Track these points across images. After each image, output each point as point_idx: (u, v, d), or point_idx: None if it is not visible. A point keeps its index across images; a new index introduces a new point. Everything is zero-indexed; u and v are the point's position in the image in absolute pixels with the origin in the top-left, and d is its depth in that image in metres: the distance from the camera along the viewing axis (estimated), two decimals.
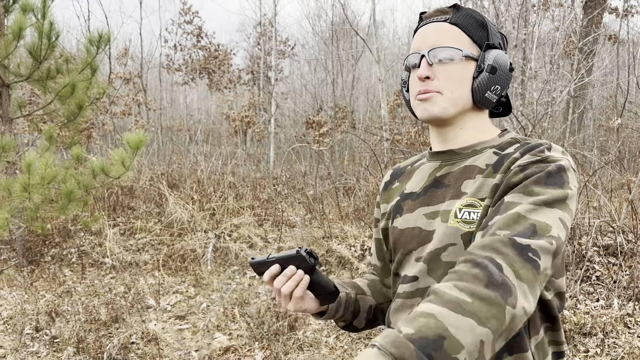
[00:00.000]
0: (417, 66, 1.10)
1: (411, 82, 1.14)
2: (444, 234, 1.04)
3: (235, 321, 4.25)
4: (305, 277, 1.12)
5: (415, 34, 1.15)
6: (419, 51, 1.09)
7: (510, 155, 1.03)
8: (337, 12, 13.24)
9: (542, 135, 6.88)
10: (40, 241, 6.34)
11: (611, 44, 12.36)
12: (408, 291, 1.10)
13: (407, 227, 1.13)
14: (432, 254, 1.05)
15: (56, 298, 4.81)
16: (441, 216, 1.07)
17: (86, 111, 3.82)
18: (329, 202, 7.48)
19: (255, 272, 1.19)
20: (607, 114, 12.17)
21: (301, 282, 1.12)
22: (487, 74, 1.07)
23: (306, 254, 1.10)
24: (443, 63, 1.07)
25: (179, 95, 20.96)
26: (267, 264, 1.16)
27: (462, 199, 1.04)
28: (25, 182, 3.05)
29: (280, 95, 14.89)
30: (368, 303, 1.27)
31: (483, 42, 1.10)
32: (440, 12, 1.12)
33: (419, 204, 1.13)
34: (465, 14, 1.11)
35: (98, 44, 3.57)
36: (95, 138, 11.79)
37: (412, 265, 1.10)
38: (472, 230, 1.01)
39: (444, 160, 1.15)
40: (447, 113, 1.08)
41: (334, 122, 10.47)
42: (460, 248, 1.02)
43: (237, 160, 11.01)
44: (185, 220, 6.63)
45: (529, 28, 7.51)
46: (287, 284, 1.11)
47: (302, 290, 1.12)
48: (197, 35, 19.10)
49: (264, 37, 14.22)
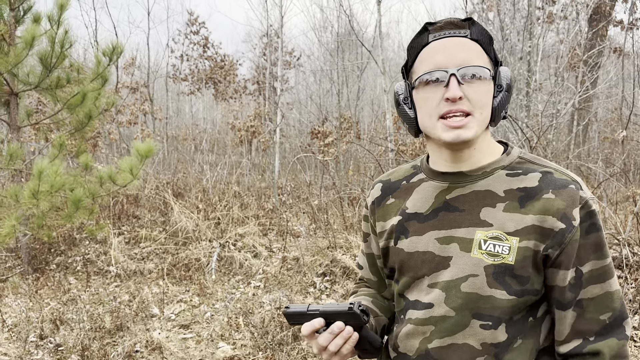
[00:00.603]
0: (444, 84, 1.01)
1: (429, 99, 1.05)
2: (466, 264, 1.03)
3: (239, 331, 4.25)
4: (354, 335, 1.05)
5: (429, 48, 1.06)
6: (446, 69, 1.01)
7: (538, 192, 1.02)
8: (343, 24, 13.32)
9: (547, 147, 6.88)
10: (46, 249, 6.37)
11: (616, 56, 12.38)
12: (421, 318, 1.07)
13: (417, 250, 1.09)
14: (450, 283, 1.04)
15: (61, 306, 4.82)
16: (459, 243, 1.04)
17: (95, 121, 3.85)
18: (333, 212, 7.48)
19: (289, 321, 1.10)
20: (612, 126, 12.16)
21: (350, 339, 1.05)
22: (505, 93, 1.05)
23: (360, 312, 1.03)
24: (472, 83, 1.01)
25: (185, 104, 21.07)
26: (307, 316, 1.06)
27: (485, 229, 1.03)
28: (35, 189, 3.08)
29: (285, 105, 14.96)
30: (382, 324, 1.24)
31: (494, 59, 1.07)
32: (454, 25, 1.05)
33: (430, 227, 1.09)
34: (481, 29, 1.06)
35: (111, 55, 3.61)
36: (101, 147, 11.86)
37: (425, 291, 1.08)
38: (496, 263, 1.00)
39: (452, 182, 1.10)
40: (477, 135, 1.04)
41: (339, 133, 10.50)
42: (482, 280, 1.01)
43: (242, 170, 11.04)
44: (190, 229, 6.65)
45: (534, 40, 7.55)
46: (335, 341, 1.04)
47: (351, 348, 1.06)
48: (203, 46, 19.23)
49: (270, 47, 14.31)
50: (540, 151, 5.99)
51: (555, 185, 1.01)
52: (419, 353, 1.08)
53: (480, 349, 1.02)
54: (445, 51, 1.03)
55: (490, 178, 1.07)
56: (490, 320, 1.01)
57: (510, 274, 1.00)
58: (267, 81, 14.63)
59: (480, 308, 1.02)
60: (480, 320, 1.02)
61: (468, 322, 1.02)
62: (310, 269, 5.58)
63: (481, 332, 1.02)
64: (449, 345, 1.04)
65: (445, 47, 1.04)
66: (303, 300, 4.94)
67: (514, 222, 1.01)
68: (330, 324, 1.05)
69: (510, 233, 1.01)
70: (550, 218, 0.99)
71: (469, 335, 1.03)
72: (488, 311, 1.01)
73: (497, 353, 1.02)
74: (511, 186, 1.05)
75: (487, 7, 8.88)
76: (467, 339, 1.03)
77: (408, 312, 1.11)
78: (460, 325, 1.03)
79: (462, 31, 1.05)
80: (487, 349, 1.02)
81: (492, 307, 1.01)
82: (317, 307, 1.06)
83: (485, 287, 1.01)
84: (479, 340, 1.02)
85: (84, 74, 4.57)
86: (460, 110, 1.01)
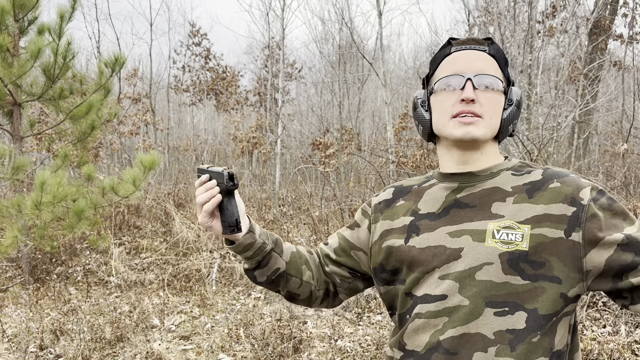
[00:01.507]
0: (460, 88, 1.12)
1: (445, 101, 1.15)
2: (480, 253, 1.06)
3: (239, 342, 4.24)
4: (218, 196, 1.18)
5: (451, 57, 1.18)
6: (464, 74, 1.12)
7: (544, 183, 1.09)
8: (345, 36, 13.41)
9: (547, 160, 6.90)
10: (47, 259, 6.37)
11: (616, 70, 12.43)
12: (433, 310, 1.08)
13: (428, 245, 1.13)
14: (464, 273, 1.06)
15: (61, 316, 4.81)
16: (471, 235, 1.08)
17: (97, 131, 3.87)
18: (334, 223, 7.48)
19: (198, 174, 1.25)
20: (612, 139, 12.19)
21: (213, 198, 1.17)
22: (515, 108, 1.15)
23: (227, 174, 1.16)
24: (487, 90, 1.12)
25: (186, 115, 21.14)
26: (203, 172, 1.21)
27: (496, 220, 1.08)
28: (37, 200, 3.09)
29: (286, 116, 15.01)
30: (277, 264, 1.29)
31: (507, 78, 1.17)
32: (475, 41, 1.17)
33: (441, 223, 1.14)
34: (498, 49, 1.18)
35: (113, 66, 3.64)
36: (102, 157, 11.88)
37: (435, 283, 1.10)
38: (510, 250, 1.04)
39: (462, 182, 1.17)
40: (485, 137, 1.13)
41: (340, 144, 10.53)
42: (497, 267, 1.04)
43: (243, 181, 11.05)
44: (191, 239, 6.65)
45: (534, 54, 7.59)
46: (202, 194, 1.18)
47: (211, 206, 1.18)
48: (205, 57, 19.35)
49: (272, 59, 14.40)
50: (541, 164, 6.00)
51: (558, 176, 1.10)
52: (429, 347, 1.08)
53: (493, 338, 1.03)
54: (465, 59, 1.15)
55: (498, 177, 1.15)
56: (506, 306, 1.03)
57: (524, 259, 1.03)
58: (268, 92, 14.70)
59: (494, 296, 1.03)
60: (494, 308, 1.03)
61: (482, 311, 1.04)
62: None
63: (495, 320, 1.03)
64: (461, 335, 1.04)
65: (465, 56, 1.16)
66: (304, 311, 4.93)
67: (524, 212, 1.06)
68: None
69: (521, 222, 1.06)
70: (560, 205, 1.05)
71: (481, 325, 1.03)
72: (502, 297, 1.03)
73: (511, 340, 1.02)
74: (517, 183, 1.12)
75: (488, 21, 8.95)
76: (480, 329, 1.03)
77: (416, 309, 1.12)
78: (474, 315, 1.04)
79: (482, 47, 1.17)
80: (500, 337, 1.02)
81: (507, 293, 1.03)
82: (213, 168, 1.21)
83: (501, 274, 1.03)
84: (492, 329, 1.03)
85: (87, 84, 4.59)
86: (472, 112, 1.11)
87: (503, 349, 1.02)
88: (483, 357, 1.03)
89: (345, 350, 4.03)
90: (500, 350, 1.02)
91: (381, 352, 3.95)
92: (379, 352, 3.96)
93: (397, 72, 19.41)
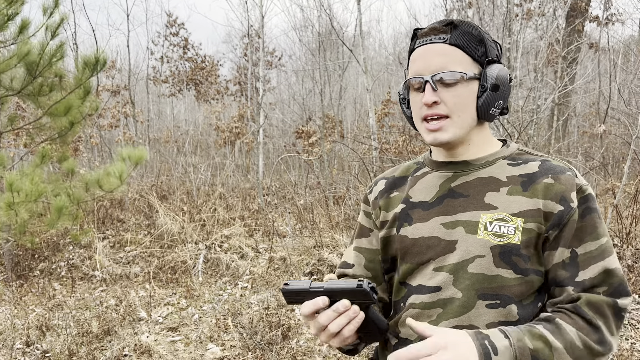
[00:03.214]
0: (421, 90, 1.09)
1: (414, 102, 1.13)
2: (472, 245, 1.06)
3: (227, 332, 4.25)
4: (360, 315, 0.98)
5: (414, 54, 1.13)
6: (422, 76, 1.08)
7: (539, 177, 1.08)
8: (324, 23, 13.36)
9: (528, 142, 6.98)
10: (29, 255, 6.29)
11: (593, 52, 12.58)
12: (427, 302, 1.09)
13: (422, 236, 1.12)
14: (457, 265, 1.06)
15: (46, 312, 4.78)
16: (464, 227, 1.08)
17: (77, 127, 3.82)
18: (319, 211, 7.51)
19: (288, 299, 1.01)
20: (590, 120, 12.36)
21: (354, 319, 0.99)
22: (490, 93, 1.09)
23: (370, 290, 0.95)
24: (448, 87, 1.07)
25: (166, 107, 20.92)
26: (309, 294, 0.97)
27: (490, 211, 1.07)
28: (9, 201, 3.05)
29: (268, 105, 14.94)
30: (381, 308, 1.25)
31: (483, 59, 1.10)
32: (437, 30, 1.10)
33: (435, 214, 1.12)
34: (463, 31, 1.10)
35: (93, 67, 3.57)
36: (82, 151, 11.72)
37: (430, 275, 1.10)
38: (502, 243, 1.04)
39: (457, 170, 1.15)
40: (456, 136, 1.10)
41: (323, 132, 10.52)
42: (489, 260, 1.04)
43: (227, 171, 11.01)
44: (176, 231, 6.62)
45: (513, 37, 7.64)
46: (338, 321, 0.97)
47: (354, 329, 0.99)
48: (183, 47, 19.14)
49: (251, 48, 14.29)
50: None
51: (554, 171, 1.07)
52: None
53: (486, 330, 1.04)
54: (423, 58, 1.10)
55: (493, 166, 1.13)
56: (498, 299, 1.04)
57: (516, 253, 1.04)
58: (249, 81, 14.60)
59: (486, 288, 1.04)
60: (486, 301, 1.04)
61: (474, 304, 1.05)
62: (297, 269, 5.60)
63: (487, 312, 1.04)
64: (454, 327, 1.05)
65: (423, 54, 1.10)
66: None
67: (517, 204, 1.06)
68: (334, 302, 0.96)
69: (514, 214, 1.05)
70: (550, 202, 1.05)
71: (474, 317, 1.05)
72: (495, 290, 1.04)
73: None
74: (513, 173, 1.10)
75: (467, 5, 8.97)
76: (473, 321, 1.05)
77: (410, 298, 1.13)
78: (467, 307, 1.05)
79: (442, 37, 1.09)
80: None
81: (499, 286, 1.04)
82: (320, 284, 0.98)
83: (492, 267, 1.04)
84: (485, 322, 1.04)
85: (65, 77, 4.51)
86: (437, 114, 1.08)
87: None
88: None
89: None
90: None
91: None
92: None
93: (378, 59, 19.40)
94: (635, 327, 3.78)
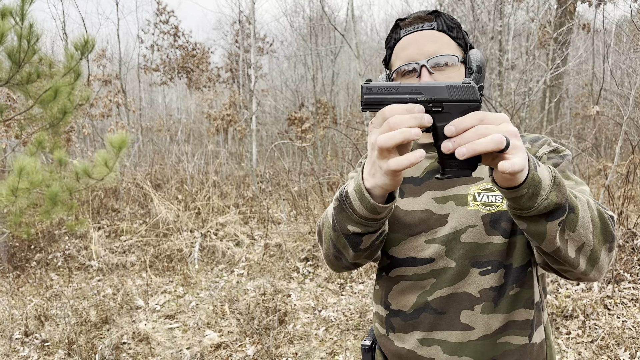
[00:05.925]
0: (417, 75, 1.11)
1: None
2: (464, 216, 1.10)
3: (225, 318, 4.29)
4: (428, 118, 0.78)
5: (402, 42, 1.15)
6: (417, 61, 1.11)
7: None
8: (315, 8, 13.28)
9: (520, 124, 7.01)
10: (25, 246, 6.30)
11: (585, 33, 12.56)
12: (421, 273, 1.13)
13: (414, 209, 1.15)
14: (450, 236, 1.10)
15: (44, 302, 4.80)
16: (454, 200, 1.12)
17: (69, 116, 3.79)
18: (313, 197, 7.53)
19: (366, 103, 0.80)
20: (582, 102, 12.39)
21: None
22: (476, 75, 1.13)
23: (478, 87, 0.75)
24: (443, 71, 1.10)
25: (158, 95, 20.80)
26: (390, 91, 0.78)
27: (477, 183, 1.12)
28: (14, 186, 3.03)
29: (260, 92, 14.88)
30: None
31: (464, 44, 1.16)
32: (422, 19, 1.14)
33: (426, 188, 1.16)
34: (446, 19, 1.15)
35: (82, 49, 3.54)
36: (74, 141, 11.67)
37: (421, 247, 1.13)
38: (492, 212, 1.08)
39: None
40: None
41: (316, 118, 10.51)
42: (481, 229, 1.09)
43: (220, 159, 11.00)
44: (171, 220, 6.64)
45: (505, 19, 7.62)
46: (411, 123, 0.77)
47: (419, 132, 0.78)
48: (173, 35, 18.95)
49: (242, 34, 14.19)
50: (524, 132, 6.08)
51: (531, 140, 1.16)
52: (416, 307, 1.14)
53: (479, 296, 1.09)
54: (415, 44, 1.13)
55: None
56: (490, 265, 1.09)
57: (506, 219, 1.09)
58: (240, 68, 14.52)
59: (478, 256, 1.09)
60: (479, 268, 1.09)
61: (467, 271, 1.10)
62: (293, 255, 5.63)
63: (480, 279, 1.09)
64: (449, 295, 1.11)
65: (415, 40, 1.13)
66: (287, 284, 4.99)
67: None
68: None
69: None
70: None
71: (468, 284, 1.10)
72: (486, 257, 1.09)
73: (494, 297, 1.09)
74: None
75: None
76: (467, 288, 1.10)
77: (396, 270, 1.16)
78: (460, 275, 1.10)
79: (429, 24, 1.14)
80: (485, 295, 1.09)
81: (490, 252, 1.09)
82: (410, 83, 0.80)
83: (484, 235, 1.09)
84: (477, 288, 1.09)
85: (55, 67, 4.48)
86: None
87: (487, 306, 1.09)
88: (470, 315, 1.10)
89: (329, 320, 4.11)
90: (485, 307, 1.09)
91: (364, 320, 4.04)
92: (362, 319, 4.05)
93: (370, 43, 19.32)
94: (627, 305, 3.85)
